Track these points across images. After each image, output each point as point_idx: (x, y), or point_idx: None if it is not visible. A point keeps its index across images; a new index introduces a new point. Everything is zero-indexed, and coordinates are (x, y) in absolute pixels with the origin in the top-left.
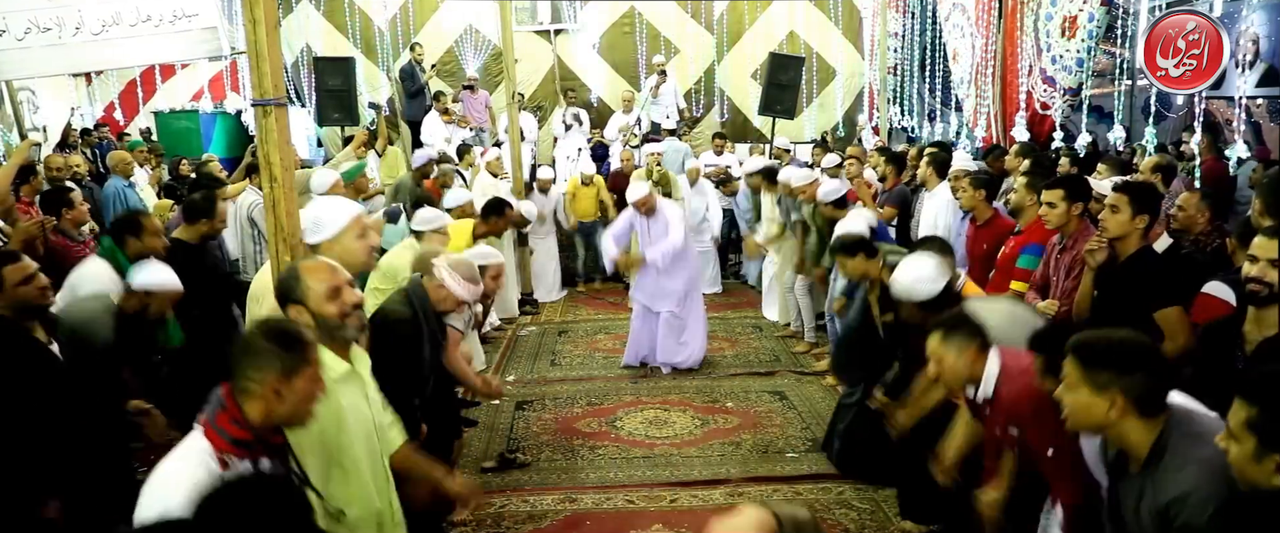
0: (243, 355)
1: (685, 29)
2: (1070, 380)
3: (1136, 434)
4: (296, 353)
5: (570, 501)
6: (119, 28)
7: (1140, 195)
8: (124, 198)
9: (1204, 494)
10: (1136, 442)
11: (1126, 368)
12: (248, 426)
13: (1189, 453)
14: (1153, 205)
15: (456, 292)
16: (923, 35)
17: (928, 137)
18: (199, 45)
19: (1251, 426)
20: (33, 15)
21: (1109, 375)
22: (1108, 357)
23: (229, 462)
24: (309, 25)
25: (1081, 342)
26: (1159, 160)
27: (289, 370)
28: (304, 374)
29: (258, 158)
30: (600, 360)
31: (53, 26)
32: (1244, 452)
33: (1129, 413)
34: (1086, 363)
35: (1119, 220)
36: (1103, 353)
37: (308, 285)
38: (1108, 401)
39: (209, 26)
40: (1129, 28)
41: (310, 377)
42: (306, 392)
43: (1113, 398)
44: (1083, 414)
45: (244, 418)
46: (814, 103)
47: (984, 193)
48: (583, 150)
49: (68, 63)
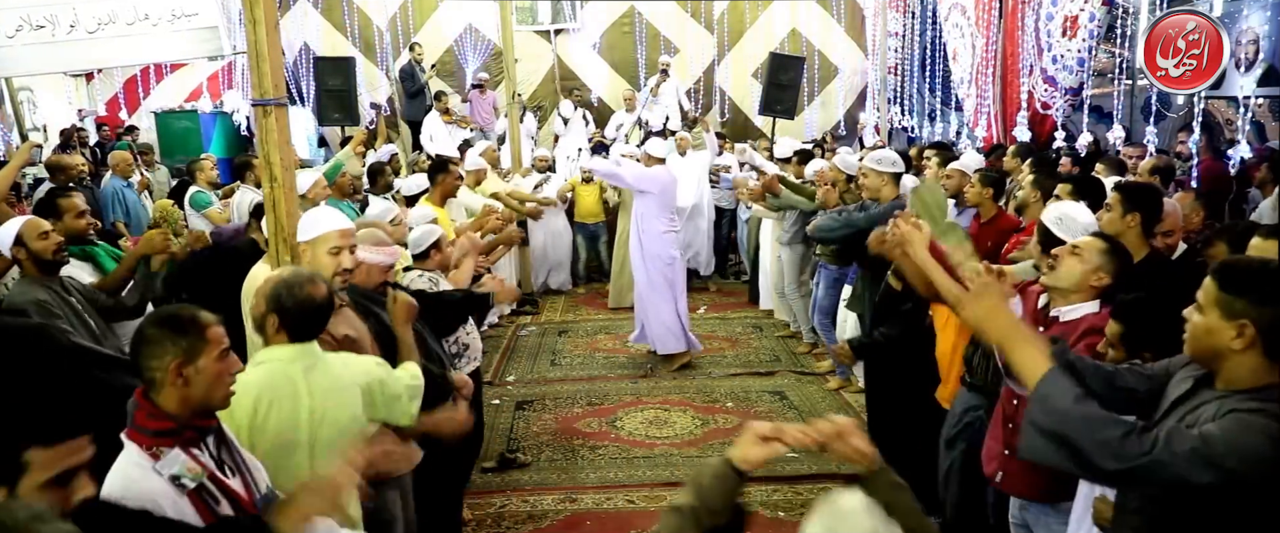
0: (141, 347)
1: (685, 28)
2: (1203, 301)
3: (1249, 371)
4: (192, 335)
5: (570, 501)
6: (115, 26)
7: (1134, 195)
8: (123, 198)
9: (1257, 446)
10: (1241, 375)
11: (1268, 298)
12: (168, 415)
13: None
14: (1148, 205)
15: (370, 259)
16: (923, 35)
17: (928, 136)
18: (198, 45)
19: (1216, 303)
20: (25, 12)
21: (1246, 303)
22: (1251, 282)
23: (160, 453)
24: (307, 24)
25: (1227, 263)
26: (1157, 162)
27: (189, 353)
28: (207, 354)
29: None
30: (600, 360)
31: (46, 24)
32: (1206, 324)
33: (1254, 347)
34: (1225, 285)
35: (1110, 219)
36: (1245, 276)
37: None
38: (1236, 328)
39: (208, 26)
40: (1129, 28)
41: (214, 356)
42: (215, 372)
43: (1243, 327)
44: (1203, 338)
45: (160, 409)
46: (815, 101)
47: (991, 190)
48: (583, 150)
49: (61, 61)
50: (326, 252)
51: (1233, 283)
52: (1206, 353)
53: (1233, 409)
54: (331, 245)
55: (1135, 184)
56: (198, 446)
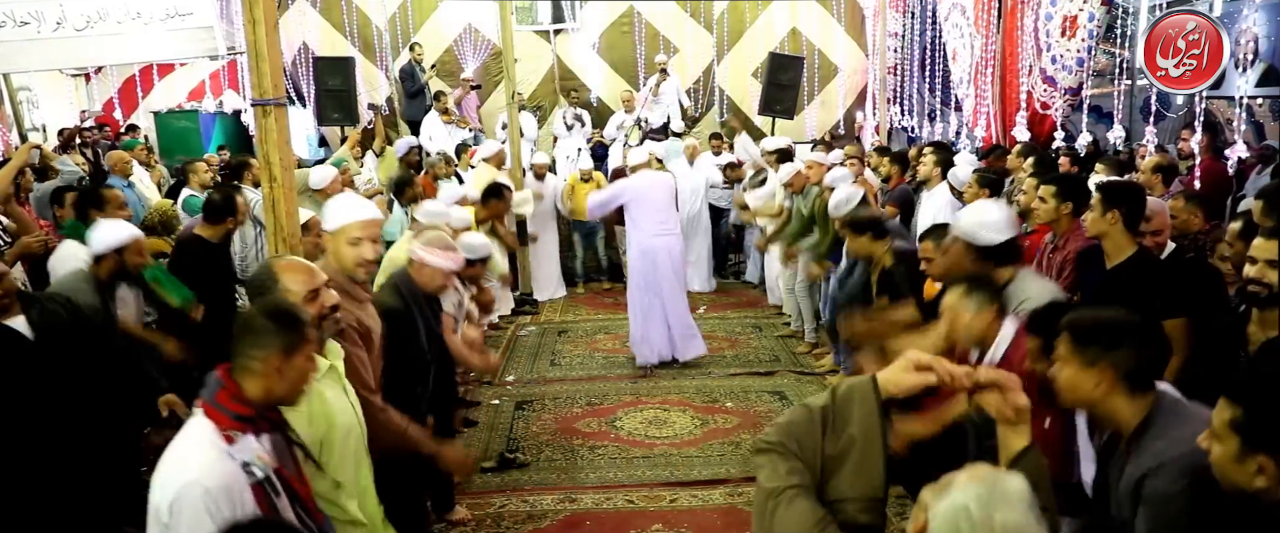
0: (244, 334)
1: (685, 28)
2: (1062, 355)
3: (1124, 411)
4: (296, 331)
5: (570, 501)
6: (105, 24)
7: (1114, 193)
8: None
9: (1179, 467)
10: (1124, 419)
11: (1114, 343)
12: (248, 402)
13: (1171, 430)
14: (1129, 202)
15: (435, 263)
16: (923, 35)
17: (928, 136)
18: (194, 44)
19: (1235, 426)
20: (8, 8)
21: (1097, 350)
22: (1096, 333)
23: (234, 438)
24: (306, 24)
25: (1073, 319)
26: (1159, 161)
27: (289, 348)
28: (302, 352)
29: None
30: (600, 360)
31: (31, 20)
32: (1227, 452)
33: (1117, 388)
34: (1076, 338)
35: (1093, 218)
36: (1091, 329)
37: (285, 286)
38: (1096, 376)
39: (204, 26)
40: (1129, 28)
41: (307, 355)
42: (303, 369)
43: (1101, 373)
44: (1072, 389)
45: (244, 395)
46: (815, 100)
47: (988, 191)
48: (583, 150)
49: (46, 59)
50: (346, 242)
51: (1083, 335)
52: (1080, 404)
53: (1135, 482)
54: (351, 236)
55: (1115, 182)
56: (261, 437)
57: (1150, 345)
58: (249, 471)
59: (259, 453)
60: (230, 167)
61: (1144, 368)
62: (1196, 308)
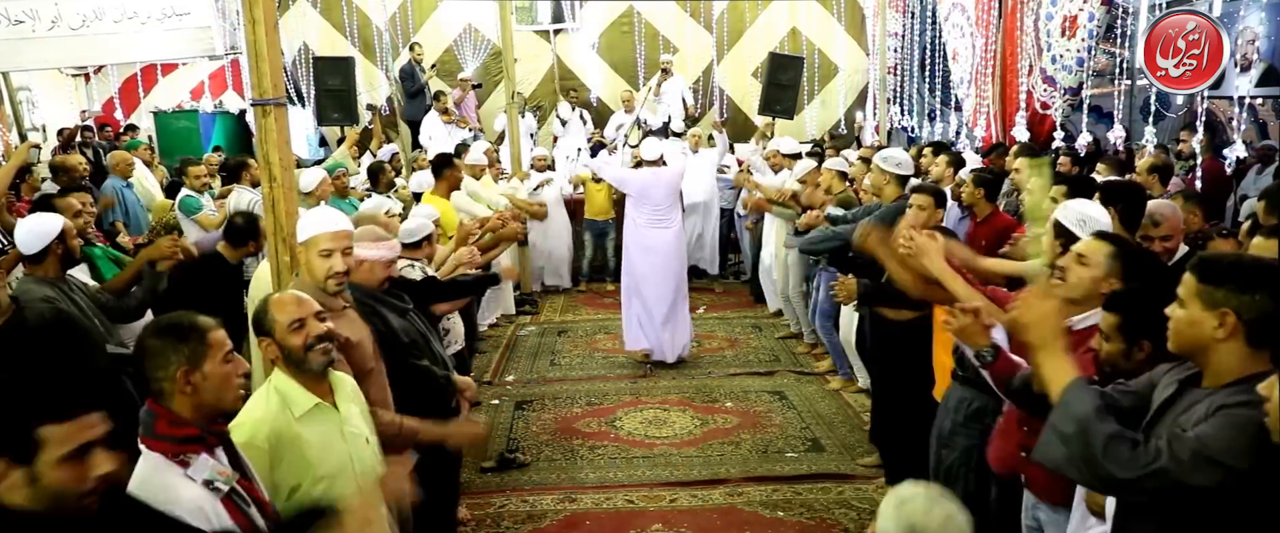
0: (144, 360)
1: (684, 28)
2: (1183, 295)
3: (1235, 361)
4: (193, 341)
5: (570, 501)
6: (101, 23)
7: (1113, 192)
8: (123, 199)
9: (1251, 422)
10: (1227, 367)
11: (1247, 286)
12: (187, 422)
13: None
14: (1128, 200)
15: (371, 255)
16: (923, 35)
17: (928, 136)
18: (191, 44)
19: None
20: (2, 7)
21: (1226, 292)
22: (1229, 272)
23: (188, 460)
24: (306, 23)
25: (1202, 257)
26: (1155, 161)
27: (193, 358)
28: (211, 358)
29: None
30: (600, 360)
31: (25, 19)
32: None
33: (1237, 336)
34: (1204, 277)
35: None
36: (1225, 268)
37: (273, 317)
38: (1218, 318)
39: (202, 26)
40: (1129, 28)
41: (219, 358)
42: (222, 374)
43: (1224, 316)
44: (1187, 331)
45: (179, 417)
46: (816, 100)
47: (984, 191)
48: (582, 150)
49: (41, 58)
50: (317, 254)
51: (1212, 274)
52: (1191, 346)
53: (1221, 406)
54: (321, 248)
55: (1115, 182)
56: (215, 452)
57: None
58: (213, 487)
59: (218, 468)
60: (227, 167)
61: (1273, 321)
62: None
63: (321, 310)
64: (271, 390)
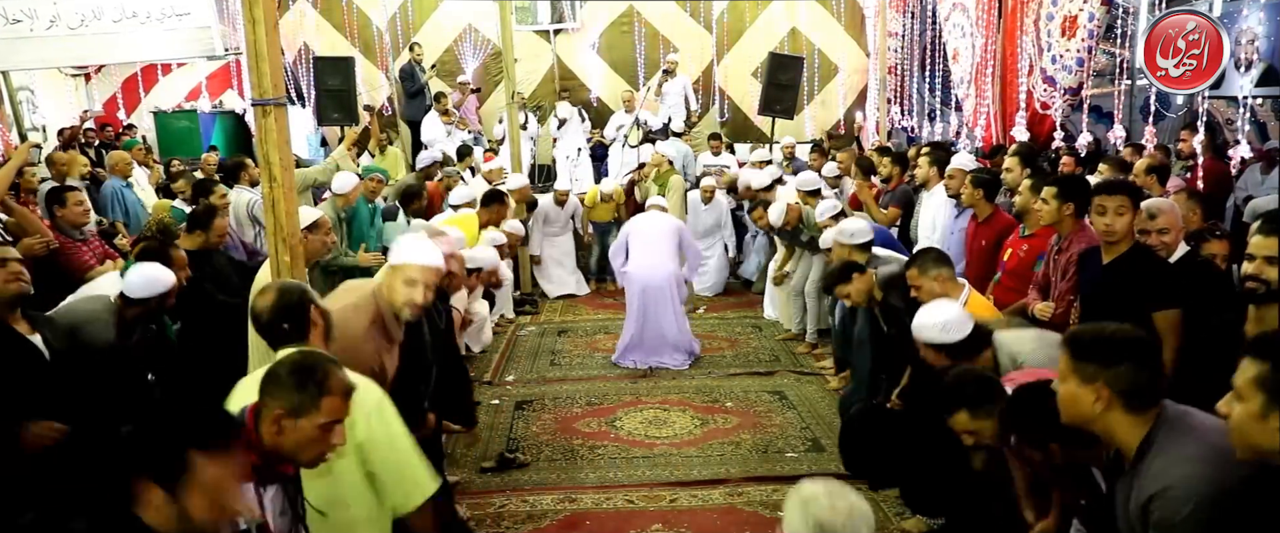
0: (267, 379)
1: (684, 28)
2: (1062, 372)
3: (1124, 430)
4: (307, 393)
5: (570, 501)
6: (100, 23)
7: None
8: (122, 198)
9: (1184, 490)
10: (1125, 438)
11: (1112, 360)
12: (257, 449)
13: (1173, 449)
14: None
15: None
16: (923, 35)
17: (928, 136)
18: (191, 44)
19: (1260, 383)
20: (1, 7)
21: (1095, 367)
22: (1094, 348)
23: None
24: (306, 23)
25: (1072, 334)
26: (1152, 161)
27: (297, 409)
28: (311, 418)
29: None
30: (600, 360)
31: (23, 18)
32: (1249, 411)
33: (1115, 406)
34: (1075, 354)
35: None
36: (1089, 344)
37: None
38: (1093, 392)
39: (202, 26)
40: (1129, 28)
41: (320, 423)
42: (311, 436)
43: (1098, 390)
44: (1071, 406)
45: (258, 441)
46: (816, 100)
47: (982, 191)
48: (582, 150)
49: (39, 58)
50: (403, 281)
51: (1081, 351)
52: (1081, 421)
53: (1141, 506)
54: (409, 277)
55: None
56: (265, 486)
57: (1151, 362)
58: None
59: (252, 508)
60: (225, 168)
61: (1144, 386)
62: (1192, 303)
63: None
64: None
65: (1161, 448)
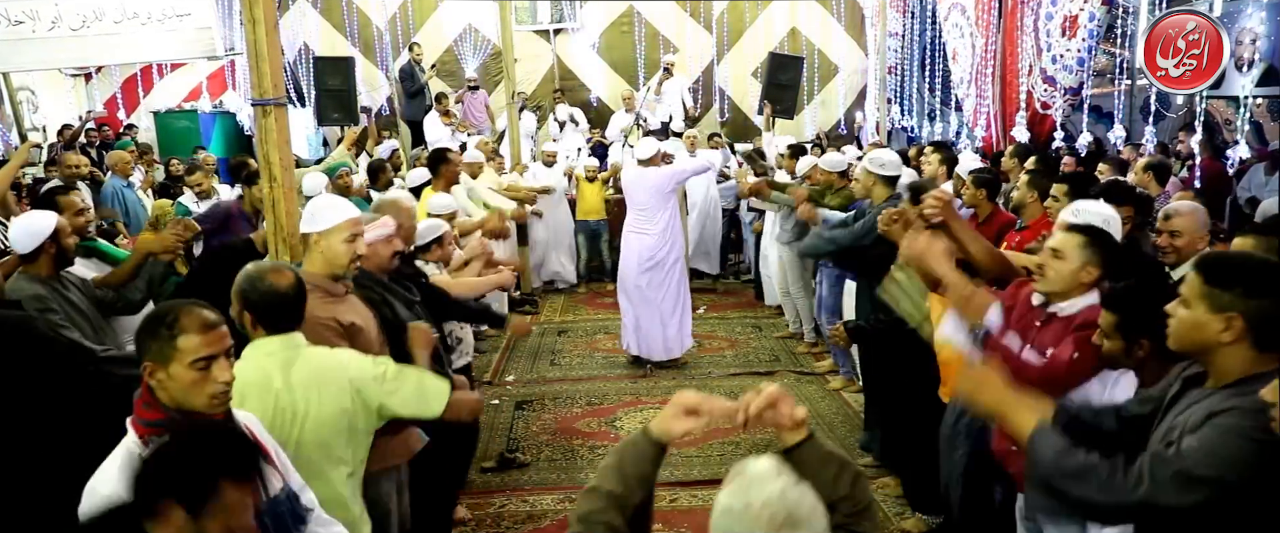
0: (137, 341)
1: (684, 28)
2: (1187, 296)
3: (1240, 363)
4: (161, 338)
5: (570, 501)
6: (102, 24)
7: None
8: (122, 198)
9: (1259, 419)
10: (1230, 368)
11: (1255, 291)
12: (161, 406)
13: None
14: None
15: (370, 237)
16: (923, 35)
17: (928, 136)
18: (191, 45)
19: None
20: (2, 7)
21: (1233, 296)
22: (1237, 275)
23: (150, 442)
24: (306, 24)
25: (1208, 257)
26: (1150, 160)
27: (160, 356)
28: (177, 362)
29: None
30: (600, 360)
31: (25, 19)
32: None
33: (1242, 339)
34: (1211, 278)
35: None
36: (1233, 270)
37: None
38: (1224, 322)
39: (203, 26)
40: (1129, 28)
41: (186, 364)
42: (190, 378)
43: (1231, 320)
44: (1190, 333)
45: (155, 400)
46: (816, 100)
47: (985, 191)
48: (582, 150)
49: (41, 59)
50: (342, 240)
51: (1219, 276)
52: (1194, 347)
53: (1210, 415)
54: (346, 235)
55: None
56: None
57: None
58: None
59: None
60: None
61: (1278, 319)
62: None
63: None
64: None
65: (1257, 387)
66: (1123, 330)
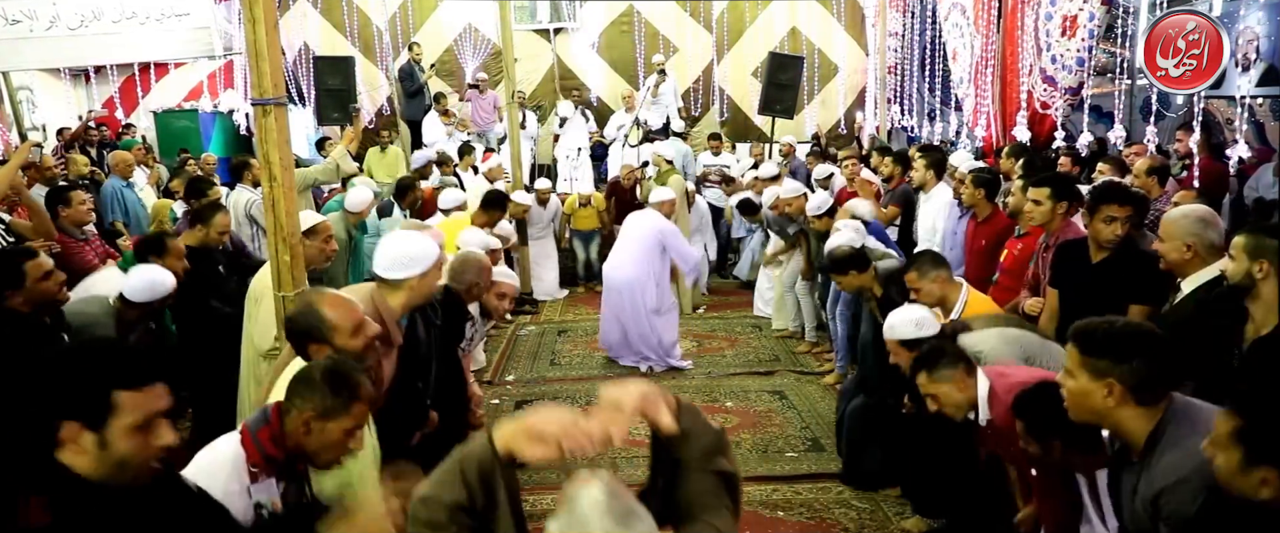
0: (297, 381)
1: (684, 27)
2: (1070, 367)
3: (1134, 423)
4: (340, 398)
5: None
6: (99, 23)
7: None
8: (122, 198)
9: (1196, 483)
10: (1134, 430)
11: (1124, 355)
12: (283, 446)
13: (1184, 441)
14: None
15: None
16: (923, 35)
17: (928, 136)
18: (190, 44)
19: (1238, 437)
20: (0, 7)
21: (1107, 362)
22: (1106, 343)
23: (258, 476)
24: (307, 24)
25: (1081, 328)
26: (1152, 163)
27: (326, 412)
28: (339, 422)
29: None
30: (600, 360)
31: (22, 19)
32: (1229, 463)
33: (1126, 401)
34: (1084, 349)
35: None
36: (1101, 339)
37: (334, 323)
38: (1104, 387)
39: (201, 26)
40: (1129, 27)
41: (346, 428)
42: (336, 440)
43: (1109, 385)
44: (1080, 401)
45: (282, 438)
46: (816, 100)
47: (984, 191)
48: (582, 150)
49: (39, 58)
50: (495, 295)
51: (1092, 346)
52: (1090, 415)
53: (1152, 499)
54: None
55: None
56: (280, 483)
57: (1162, 357)
58: (259, 512)
59: (274, 499)
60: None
61: (1155, 380)
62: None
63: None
64: None
65: (1171, 441)
66: (1034, 434)
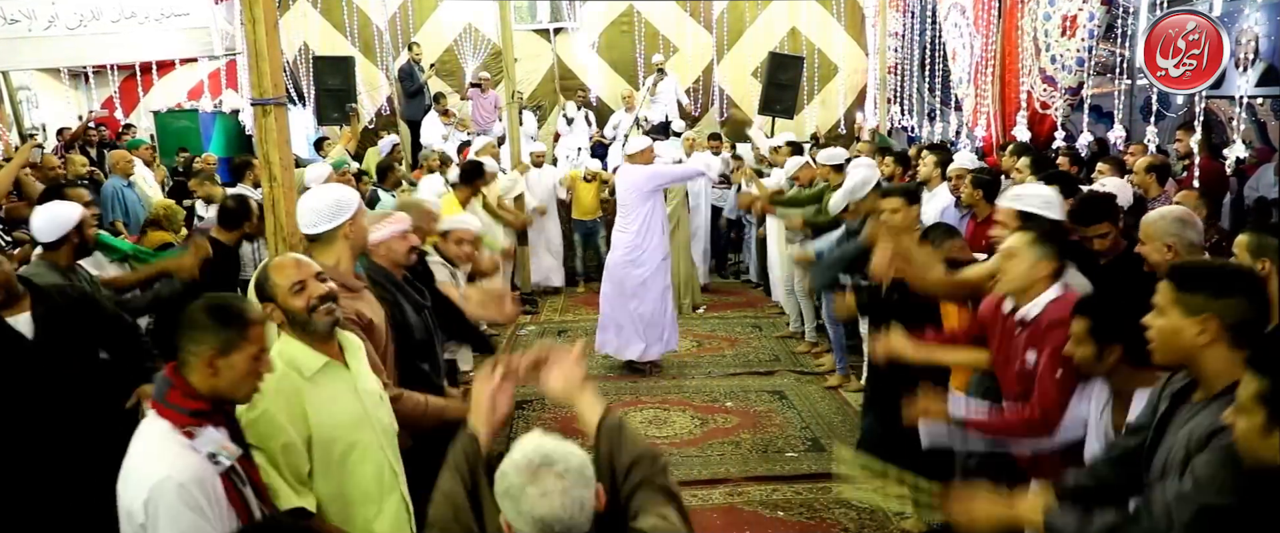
0: (184, 328)
1: (684, 27)
2: (1162, 304)
3: (1223, 365)
4: (233, 329)
5: None
6: (98, 23)
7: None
8: (122, 198)
9: None
10: (1219, 372)
11: (1224, 291)
12: (199, 395)
13: None
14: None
15: (384, 235)
16: (923, 35)
17: (928, 136)
18: (190, 44)
19: (1261, 399)
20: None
21: (1204, 298)
22: (1205, 279)
23: (194, 432)
24: (307, 24)
25: (1179, 265)
26: (1152, 161)
27: (225, 346)
28: (242, 351)
29: None
30: (600, 360)
31: (21, 18)
32: (1252, 426)
33: (1219, 340)
34: (1182, 285)
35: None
36: (1201, 275)
37: (274, 281)
38: (1199, 324)
39: (200, 26)
40: (1129, 27)
41: (250, 354)
42: (245, 369)
43: (1205, 322)
44: (1170, 340)
45: (193, 389)
46: (816, 100)
47: (982, 191)
48: (583, 149)
49: (38, 58)
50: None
51: (1189, 281)
52: (1177, 355)
53: (1212, 432)
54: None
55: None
56: (219, 429)
57: (1260, 296)
58: (216, 460)
59: (222, 443)
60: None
61: (1252, 320)
62: None
63: (321, 271)
64: (277, 358)
65: None
66: (1095, 336)
